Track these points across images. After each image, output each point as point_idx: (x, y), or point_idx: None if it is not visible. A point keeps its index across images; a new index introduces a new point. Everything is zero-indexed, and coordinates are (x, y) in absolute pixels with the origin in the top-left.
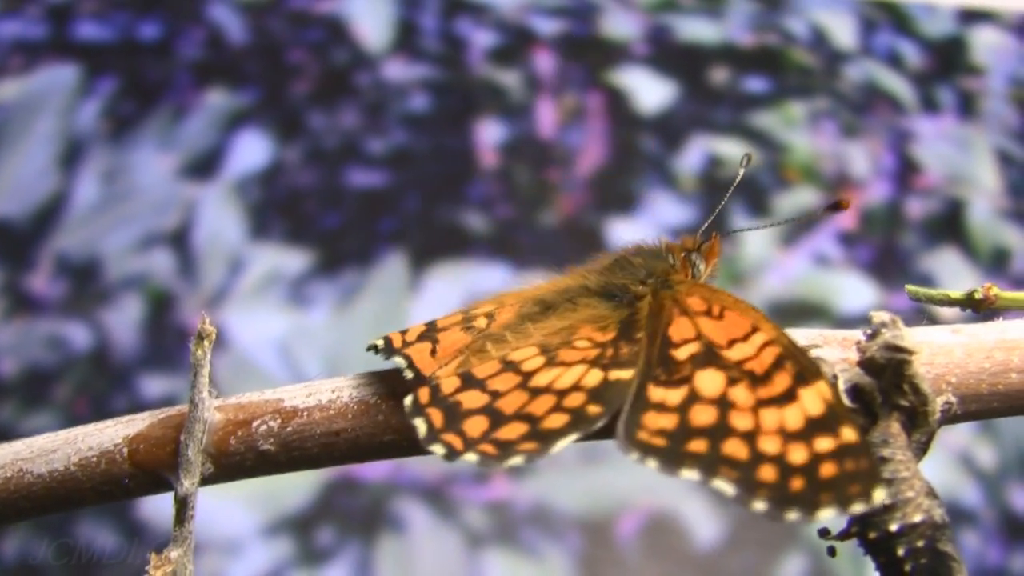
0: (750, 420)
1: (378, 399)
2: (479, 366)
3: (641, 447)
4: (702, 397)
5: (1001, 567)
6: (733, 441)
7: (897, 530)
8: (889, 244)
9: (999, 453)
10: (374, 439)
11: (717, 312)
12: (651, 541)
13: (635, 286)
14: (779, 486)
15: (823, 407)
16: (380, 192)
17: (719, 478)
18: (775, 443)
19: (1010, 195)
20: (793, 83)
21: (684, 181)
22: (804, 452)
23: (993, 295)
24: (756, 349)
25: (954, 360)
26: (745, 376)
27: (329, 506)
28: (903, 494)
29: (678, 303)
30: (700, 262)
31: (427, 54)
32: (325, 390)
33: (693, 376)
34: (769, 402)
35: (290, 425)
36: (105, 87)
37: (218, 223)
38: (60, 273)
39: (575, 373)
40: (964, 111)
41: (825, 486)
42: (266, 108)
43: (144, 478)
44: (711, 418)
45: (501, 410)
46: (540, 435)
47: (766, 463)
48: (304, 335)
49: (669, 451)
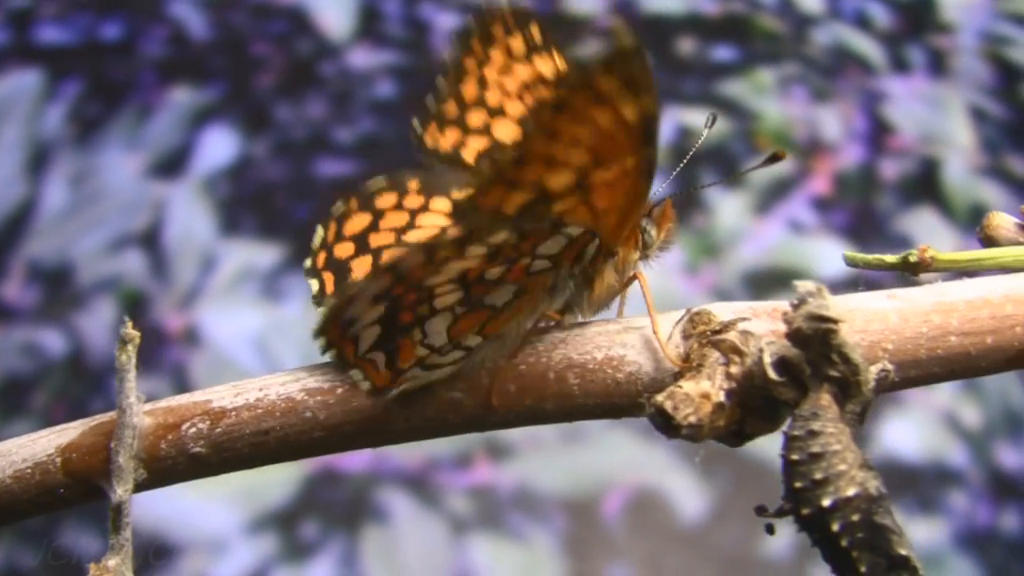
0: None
1: (305, 395)
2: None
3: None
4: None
5: (991, 526)
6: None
7: (830, 505)
8: (864, 207)
9: (984, 412)
10: (303, 436)
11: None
12: (637, 518)
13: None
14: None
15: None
16: (350, 181)
17: None
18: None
19: (985, 151)
20: (761, 50)
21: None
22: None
23: (929, 257)
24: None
25: (890, 326)
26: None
27: (312, 500)
28: (835, 467)
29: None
30: (651, 227)
31: (391, 40)
32: (252, 389)
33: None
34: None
35: (219, 426)
36: (70, 90)
37: (188, 221)
38: (32, 280)
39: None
40: (935, 69)
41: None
42: (232, 103)
43: (79, 487)
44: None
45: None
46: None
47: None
48: (280, 329)
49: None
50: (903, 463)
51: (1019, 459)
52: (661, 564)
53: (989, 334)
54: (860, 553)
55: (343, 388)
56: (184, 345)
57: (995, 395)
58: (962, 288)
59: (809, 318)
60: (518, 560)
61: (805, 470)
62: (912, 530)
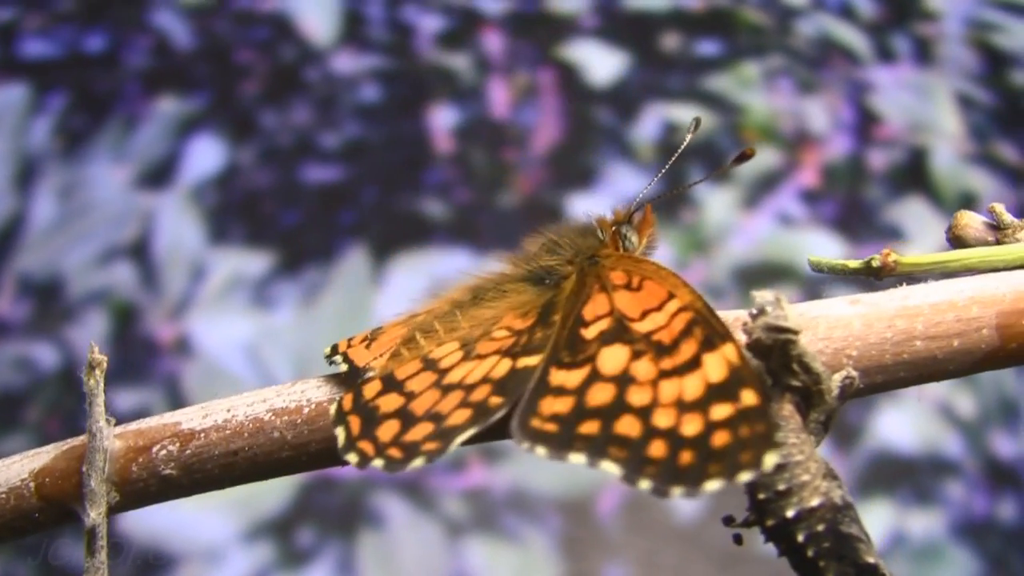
0: (648, 394)
1: (272, 415)
2: (401, 366)
3: (531, 435)
4: (602, 375)
5: (988, 516)
6: (627, 419)
7: (794, 516)
8: (853, 198)
9: (979, 401)
10: (272, 456)
11: (636, 283)
12: (632, 517)
13: (562, 267)
14: (667, 461)
15: (726, 371)
16: (337, 186)
17: (607, 459)
18: (670, 416)
19: (973, 139)
20: (746, 43)
21: (642, 151)
22: (698, 422)
23: (892, 261)
24: (668, 317)
25: (853, 332)
26: (651, 348)
27: (307, 507)
28: (798, 478)
29: (600, 279)
30: (632, 234)
31: (375, 44)
32: (220, 410)
33: (597, 354)
34: (671, 373)
35: (188, 448)
36: (55, 103)
37: (177, 231)
38: (23, 294)
39: (487, 365)
40: (921, 58)
41: (715, 456)
42: (217, 111)
43: (53, 511)
44: (608, 397)
45: (413, 411)
46: (442, 433)
47: (657, 438)
48: (271, 337)
49: (558, 436)
50: (898, 454)
51: (1015, 448)
52: (657, 562)
53: (955, 337)
54: (827, 562)
55: (309, 408)
56: (176, 355)
57: (990, 384)
58: (926, 291)
59: (767, 329)
60: (514, 561)
61: (768, 481)
62: (909, 521)
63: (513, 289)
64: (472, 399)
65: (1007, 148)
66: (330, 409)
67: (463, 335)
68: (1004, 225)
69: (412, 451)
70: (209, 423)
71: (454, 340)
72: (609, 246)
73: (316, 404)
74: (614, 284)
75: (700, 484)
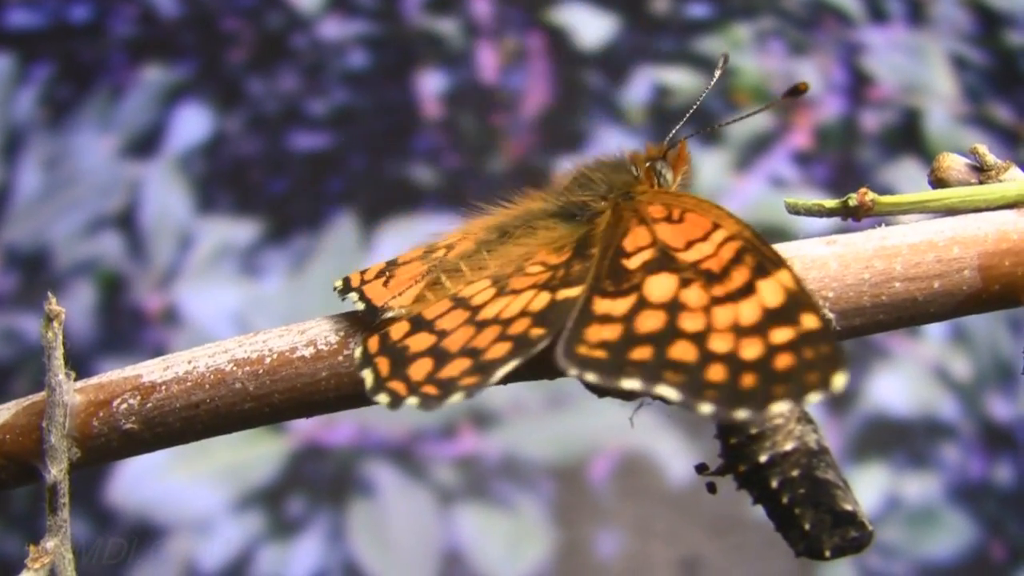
0: (701, 320)
1: (233, 366)
2: (429, 306)
3: (579, 361)
4: (651, 303)
5: (984, 478)
6: (681, 344)
7: (767, 461)
8: (846, 160)
9: (974, 363)
10: (234, 408)
11: (677, 216)
12: (624, 483)
13: (595, 202)
14: (728, 384)
15: (783, 296)
16: (325, 154)
17: (662, 384)
18: (727, 341)
19: (967, 100)
20: (737, 5)
21: (632, 114)
22: (758, 346)
23: (870, 200)
24: (715, 247)
25: (829, 273)
26: (700, 276)
27: (297, 476)
28: (771, 421)
29: (637, 213)
30: (667, 170)
31: (362, 9)
32: (181, 361)
33: (643, 283)
34: (724, 299)
35: (150, 401)
36: (40, 73)
37: (164, 200)
38: (10, 265)
39: (523, 300)
40: (914, 18)
41: (779, 378)
42: (204, 79)
43: (15, 468)
44: (658, 323)
45: (447, 349)
46: (481, 367)
47: (715, 362)
48: (260, 305)
49: (609, 362)
50: (893, 417)
51: (1010, 410)
52: (650, 527)
53: (936, 278)
54: (803, 510)
55: (271, 358)
56: (164, 325)
57: (984, 345)
58: (905, 232)
59: None
60: (507, 529)
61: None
62: (905, 484)
63: (543, 225)
64: (511, 332)
65: (1001, 109)
66: (354, 352)
67: (493, 273)
68: (987, 167)
69: (449, 387)
70: (170, 375)
71: (484, 279)
72: (644, 182)
73: (278, 354)
74: (653, 217)
75: (765, 405)
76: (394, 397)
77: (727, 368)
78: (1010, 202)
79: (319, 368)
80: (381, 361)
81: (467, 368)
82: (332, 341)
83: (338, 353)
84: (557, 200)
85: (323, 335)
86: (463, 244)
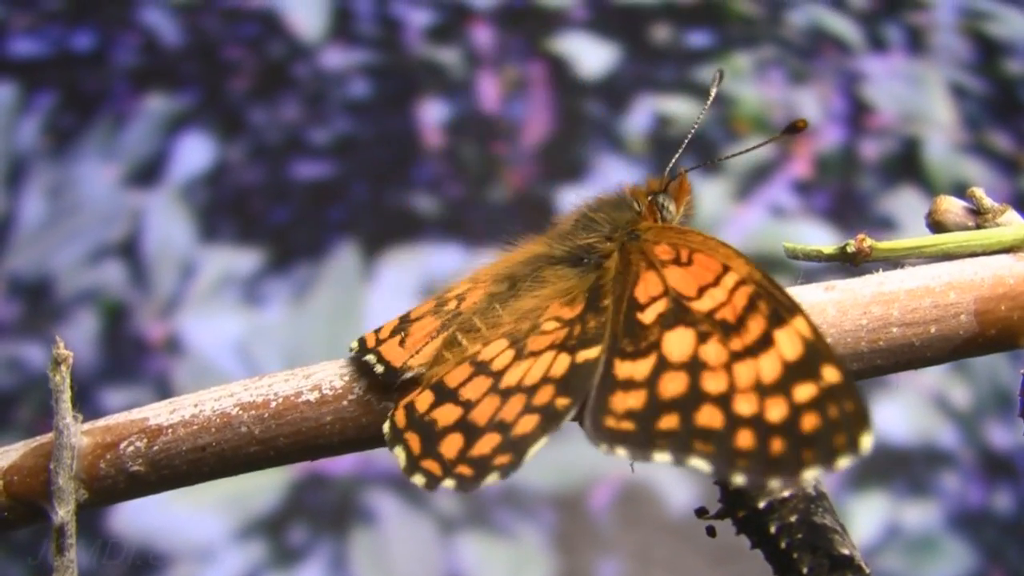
0: (724, 380)
1: (239, 409)
2: (450, 371)
3: (608, 436)
4: (671, 363)
5: (984, 506)
6: (707, 409)
7: (765, 506)
8: (846, 189)
9: (974, 391)
10: (240, 451)
11: (686, 257)
12: (625, 511)
13: (601, 244)
14: (757, 452)
15: (801, 347)
16: (327, 182)
17: (693, 455)
18: (751, 402)
19: (966, 128)
20: (737, 34)
21: (633, 143)
22: (783, 406)
23: (867, 247)
24: (728, 293)
25: (827, 319)
26: (717, 328)
27: (299, 505)
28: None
29: (645, 256)
30: (669, 203)
31: (364, 39)
32: (188, 405)
33: (661, 340)
34: (743, 354)
35: (156, 444)
36: (43, 102)
37: (167, 229)
38: (13, 294)
39: (544, 363)
40: (913, 47)
41: (807, 442)
42: (206, 108)
43: (22, 509)
44: (681, 386)
45: (474, 422)
46: (512, 444)
47: (743, 427)
48: (262, 334)
49: (638, 435)
50: (893, 445)
51: (1010, 438)
52: (651, 556)
53: (933, 323)
54: (801, 554)
55: (276, 402)
56: (166, 354)
57: (984, 374)
58: (902, 277)
59: None
60: (508, 557)
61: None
62: (905, 512)
63: (552, 274)
64: (536, 403)
65: (1000, 137)
66: (383, 427)
67: (509, 331)
68: (984, 210)
69: (483, 467)
70: (176, 418)
71: (501, 338)
72: (647, 217)
73: (283, 398)
74: (661, 260)
75: (797, 473)
76: (430, 478)
77: (755, 434)
78: (1006, 247)
79: (324, 412)
80: (411, 437)
81: (498, 445)
82: (337, 386)
83: (342, 398)
84: (562, 244)
85: (328, 380)
86: (473, 295)
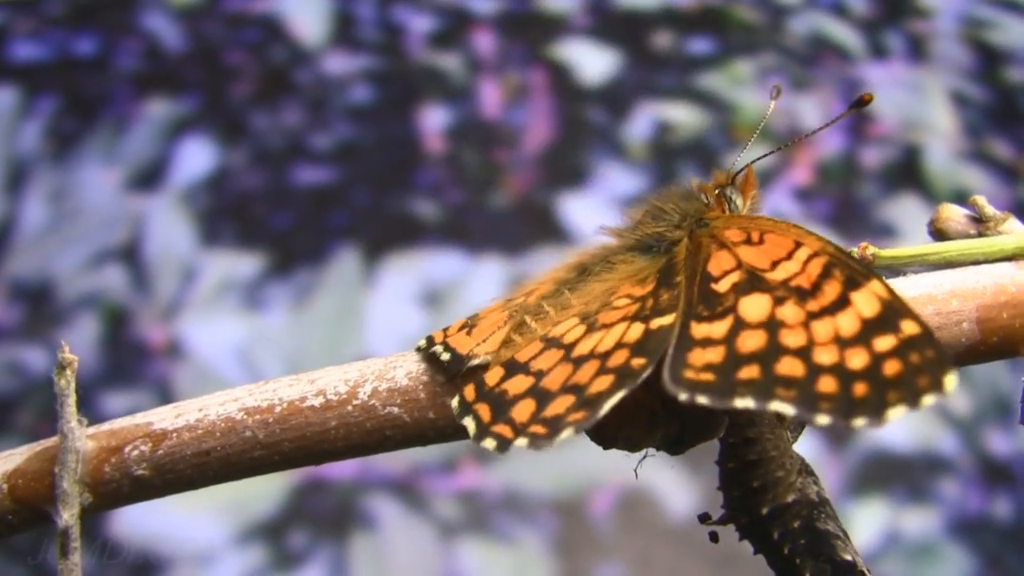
0: (802, 336)
1: (243, 414)
2: (521, 350)
3: (689, 385)
4: (748, 323)
5: (983, 512)
6: (787, 360)
7: (768, 513)
8: (847, 196)
9: (974, 398)
10: (244, 456)
11: (757, 238)
12: (626, 517)
13: (670, 232)
14: (841, 395)
15: (879, 306)
16: (328, 188)
17: (775, 400)
18: (831, 353)
19: (967, 136)
20: (738, 41)
21: (634, 150)
22: (864, 355)
23: (870, 254)
24: (801, 264)
25: None
26: (792, 293)
27: (299, 509)
28: (772, 474)
29: (715, 238)
30: (736, 196)
31: (366, 44)
32: (192, 409)
33: (737, 304)
34: (821, 313)
35: (161, 448)
36: (45, 106)
37: (168, 234)
38: (14, 298)
39: (616, 333)
40: (914, 55)
41: (891, 384)
42: (208, 113)
43: (26, 513)
44: (760, 342)
45: (547, 388)
46: (587, 401)
47: (824, 374)
48: (263, 339)
49: (719, 383)
50: (893, 452)
51: (1009, 445)
52: (651, 562)
53: (935, 330)
54: (803, 560)
55: (281, 407)
56: (168, 358)
57: (984, 382)
58: (905, 285)
59: None
60: (508, 563)
61: (742, 478)
62: (904, 519)
63: (621, 260)
64: (611, 364)
65: (1001, 145)
66: (451, 403)
67: (580, 311)
68: (986, 218)
69: (557, 424)
70: (181, 423)
71: (571, 317)
72: (715, 208)
73: (288, 403)
74: (733, 241)
75: (882, 412)
76: (501, 440)
77: (837, 380)
78: (1008, 255)
79: (328, 417)
80: (481, 408)
81: (572, 404)
82: (341, 391)
83: (347, 403)
84: (632, 234)
85: (332, 385)
86: (542, 288)
